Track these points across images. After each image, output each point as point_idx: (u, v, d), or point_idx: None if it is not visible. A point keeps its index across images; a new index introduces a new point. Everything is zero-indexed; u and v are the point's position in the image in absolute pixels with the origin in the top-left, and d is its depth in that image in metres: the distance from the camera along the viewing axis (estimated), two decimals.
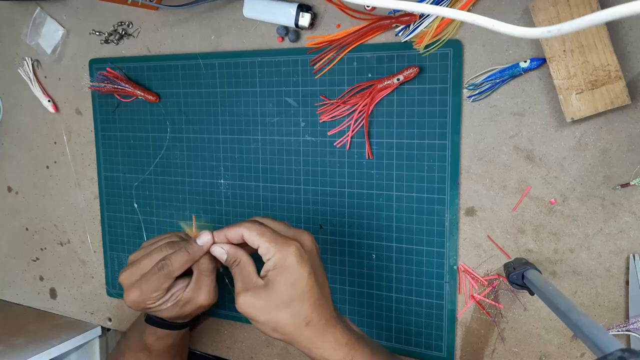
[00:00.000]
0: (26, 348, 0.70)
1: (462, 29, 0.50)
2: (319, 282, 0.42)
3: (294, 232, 0.44)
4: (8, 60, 0.77)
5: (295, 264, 0.41)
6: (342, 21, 0.54)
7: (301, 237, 0.43)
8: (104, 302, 0.76)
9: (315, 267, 0.43)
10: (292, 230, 0.44)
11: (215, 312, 0.66)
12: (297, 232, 0.44)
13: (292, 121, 0.58)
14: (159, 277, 0.47)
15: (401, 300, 0.56)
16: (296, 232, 0.44)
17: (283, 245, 0.41)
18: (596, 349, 0.31)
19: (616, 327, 0.47)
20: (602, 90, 0.44)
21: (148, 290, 0.47)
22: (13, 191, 0.81)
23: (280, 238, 0.42)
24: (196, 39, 0.62)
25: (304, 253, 0.42)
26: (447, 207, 0.52)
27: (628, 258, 0.47)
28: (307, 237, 0.44)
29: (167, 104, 0.65)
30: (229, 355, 0.67)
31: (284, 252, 0.41)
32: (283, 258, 0.41)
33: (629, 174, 0.46)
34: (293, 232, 0.44)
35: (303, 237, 0.43)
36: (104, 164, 0.71)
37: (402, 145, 0.53)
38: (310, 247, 0.43)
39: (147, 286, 0.47)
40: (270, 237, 0.42)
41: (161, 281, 0.47)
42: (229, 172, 0.63)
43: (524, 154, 0.49)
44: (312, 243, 0.44)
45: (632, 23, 0.44)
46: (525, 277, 0.45)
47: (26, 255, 0.82)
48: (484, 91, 0.49)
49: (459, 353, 0.54)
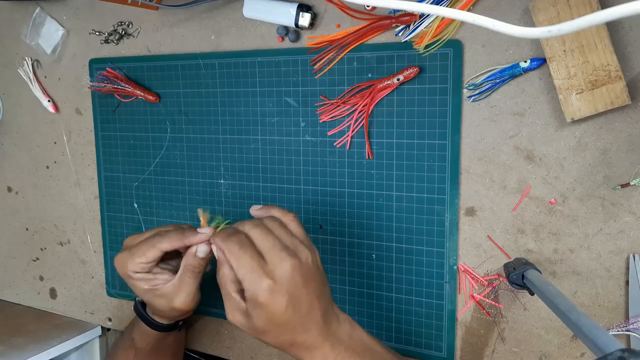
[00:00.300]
0: (26, 348, 0.70)
1: (462, 29, 0.50)
2: (300, 308, 0.40)
3: (277, 256, 0.40)
4: (8, 60, 0.77)
5: (266, 303, 0.39)
6: (342, 21, 0.54)
7: (277, 270, 0.40)
8: (104, 302, 0.76)
9: (297, 294, 0.40)
10: (275, 253, 0.40)
11: (215, 312, 0.66)
12: (279, 258, 0.40)
13: (292, 121, 0.58)
14: (147, 244, 0.48)
15: (401, 300, 0.56)
16: (279, 258, 0.40)
17: (255, 283, 0.39)
18: (596, 349, 0.31)
19: (616, 327, 0.47)
20: (602, 90, 0.44)
21: (135, 254, 0.49)
22: (13, 191, 0.81)
23: (255, 272, 0.39)
24: (196, 39, 0.62)
25: (279, 287, 0.39)
26: (447, 207, 0.52)
27: (628, 258, 0.47)
28: (286, 266, 0.40)
29: (167, 104, 0.65)
30: (229, 355, 0.67)
31: (255, 291, 0.39)
32: (255, 296, 0.39)
33: (629, 174, 0.46)
34: (276, 256, 0.40)
35: (282, 268, 0.40)
36: (104, 164, 0.71)
37: (402, 145, 0.53)
38: (289, 277, 0.40)
39: (136, 249, 0.49)
40: (245, 270, 0.40)
41: (148, 248, 0.48)
42: (229, 172, 0.63)
43: (524, 154, 0.49)
44: (292, 271, 0.40)
45: (632, 23, 0.44)
46: (525, 277, 0.45)
47: (26, 255, 0.82)
48: (484, 91, 0.49)
49: (459, 353, 0.54)
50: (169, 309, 0.51)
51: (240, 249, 0.40)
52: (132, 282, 0.50)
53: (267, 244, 0.41)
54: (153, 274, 0.50)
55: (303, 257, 0.41)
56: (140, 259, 0.48)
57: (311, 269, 0.42)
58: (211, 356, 0.70)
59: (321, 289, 0.42)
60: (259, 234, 0.42)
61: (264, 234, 0.42)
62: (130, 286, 0.51)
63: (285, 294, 0.39)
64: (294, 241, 0.42)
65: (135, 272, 0.49)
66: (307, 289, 0.41)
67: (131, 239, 0.51)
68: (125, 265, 0.49)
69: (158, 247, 0.48)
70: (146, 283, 0.50)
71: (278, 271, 0.40)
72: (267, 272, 0.39)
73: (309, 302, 0.41)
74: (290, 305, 0.40)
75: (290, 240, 0.42)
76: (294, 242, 0.42)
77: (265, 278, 0.39)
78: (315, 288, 0.42)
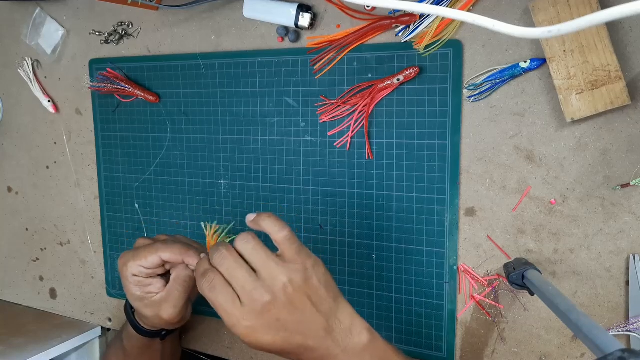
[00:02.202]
0: (26, 348, 0.70)
1: (462, 29, 0.50)
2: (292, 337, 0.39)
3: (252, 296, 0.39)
4: (8, 61, 0.77)
5: (246, 340, 0.39)
6: (342, 21, 0.54)
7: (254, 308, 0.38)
8: (104, 302, 0.76)
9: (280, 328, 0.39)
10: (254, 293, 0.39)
11: (216, 312, 0.66)
12: (255, 296, 0.38)
13: (292, 121, 0.58)
14: (151, 248, 0.49)
15: (401, 300, 0.56)
16: (255, 296, 0.38)
17: (231, 326, 0.39)
18: (596, 349, 0.31)
19: (616, 327, 0.47)
20: (602, 90, 0.44)
21: (137, 256, 0.49)
22: (13, 191, 0.81)
23: (230, 315, 0.39)
24: (196, 39, 0.62)
25: (253, 331, 0.38)
26: (447, 207, 0.52)
27: (628, 258, 0.47)
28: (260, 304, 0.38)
29: (167, 104, 0.65)
30: (229, 355, 0.67)
31: (233, 330, 0.39)
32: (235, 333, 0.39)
33: (629, 174, 0.46)
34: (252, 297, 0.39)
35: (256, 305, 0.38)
36: (104, 164, 0.71)
37: (402, 146, 0.53)
38: (267, 316, 0.38)
39: (140, 252, 0.49)
40: (219, 310, 0.39)
41: (150, 252, 0.49)
42: (229, 172, 0.63)
43: (524, 154, 0.49)
44: (267, 308, 0.38)
45: (632, 23, 0.44)
46: (525, 277, 0.45)
47: (26, 255, 0.82)
48: (484, 91, 0.49)
49: (459, 353, 0.54)
50: (154, 316, 0.51)
51: (213, 289, 0.40)
52: (127, 285, 0.51)
53: (246, 281, 0.39)
54: (149, 281, 0.50)
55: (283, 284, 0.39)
56: (140, 262, 0.49)
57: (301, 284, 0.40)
58: (211, 356, 0.70)
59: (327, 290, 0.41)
60: (239, 270, 0.40)
61: (242, 271, 0.40)
62: (125, 288, 0.51)
63: (268, 332, 0.39)
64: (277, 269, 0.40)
65: (133, 275, 0.49)
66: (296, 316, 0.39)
67: (141, 240, 0.52)
68: (126, 264, 0.50)
69: (159, 254, 0.48)
70: (139, 289, 0.50)
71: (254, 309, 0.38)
72: (240, 316, 0.38)
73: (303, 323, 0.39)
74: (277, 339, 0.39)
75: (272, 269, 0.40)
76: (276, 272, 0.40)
77: (240, 323, 0.38)
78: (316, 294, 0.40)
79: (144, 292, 0.50)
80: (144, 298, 0.50)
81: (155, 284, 0.50)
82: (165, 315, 0.50)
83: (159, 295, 0.50)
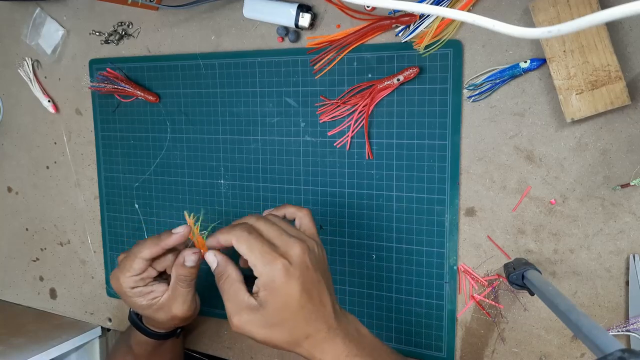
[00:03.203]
0: (26, 348, 0.70)
1: (462, 29, 0.50)
2: (313, 295, 0.41)
3: (285, 241, 0.41)
4: (8, 61, 0.77)
5: (283, 285, 0.39)
6: (342, 21, 0.54)
7: (290, 251, 0.40)
8: (104, 302, 0.76)
9: (309, 279, 0.41)
10: (284, 238, 0.42)
11: (215, 312, 0.66)
12: (288, 243, 0.41)
13: (292, 121, 0.58)
14: (130, 256, 0.48)
15: (401, 300, 0.56)
16: (287, 242, 0.41)
17: (270, 265, 0.39)
18: (596, 349, 0.31)
19: (616, 328, 0.47)
20: (602, 90, 0.44)
21: (123, 269, 0.49)
22: (13, 191, 0.81)
23: (268, 255, 0.40)
24: (196, 39, 0.62)
25: (294, 269, 0.40)
26: (447, 207, 0.52)
27: (628, 258, 0.47)
28: (297, 249, 0.41)
29: (167, 104, 0.65)
30: (229, 355, 0.67)
31: (271, 273, 0.39)
32: (271, 279, 0.39)
33: (629, 174, 0.46)
34: (284, 241, 0.41)
35: (292, 250, 0.41)
36: (104, 164, 0.71)
37: (402, 146, 0.53)
38: (301, 260, 0.40)
39: (123, 264, 0.49)
40: (257, 254, 0.40)
41: (132, 260, 0.48)
42: (229, 172, 0.63)
43: (524, 154, 0.49)
44: (302, 254, 0.41)
45: (632, 23, 0.44)
46: (525, 277, 0.45)
47: (26, 255, 0.82)
48: (484, 91, 0.49)
49: (459, 353, 0.54)
50: (168, 319, 0.51)
51: (249, 234, 0.41)
52: (130, 300, 0.50)
53: (273, 233, 0.42)
54: (150, 288, 0.50)
55: (310, 245, 0.42)
56: (129, 272, 0.48)
57: (320, 258, 0.43)
58: (211, 356, 0.70)
59: (329, 282, 0.43)
60: (263, 224, 0.43)
61: (269, 225, 0.43)
62: (130, 304, 0.51)
63: (300, 276, 0.40)
64: (299, 233, 0.43)
65: (131, 288, 0.49)
66: (318, 277, 0.42)
67: (121, 255, 0.51)
68: (119, 281, 0.49)
69: (140, 257, 0.48)
70: (144, 298, 0.50)
71: (290, 252, 0.40)
72: (280, 254, 0.40)
73: (320, 291, 0.41)
74: (304, 291, 0.40)
75: (295, 232, 0.43)
76: (300, 233, 0.43)
77: (279, 258, 0.40)
78: (325, 278, 0.42)
79: (149, 300, 0.50)
80: (152, 304, 0.50)
81: (157, 288, 0.50)
82: (179, 313, 0.50)
83: (165, 296, 0.50)
